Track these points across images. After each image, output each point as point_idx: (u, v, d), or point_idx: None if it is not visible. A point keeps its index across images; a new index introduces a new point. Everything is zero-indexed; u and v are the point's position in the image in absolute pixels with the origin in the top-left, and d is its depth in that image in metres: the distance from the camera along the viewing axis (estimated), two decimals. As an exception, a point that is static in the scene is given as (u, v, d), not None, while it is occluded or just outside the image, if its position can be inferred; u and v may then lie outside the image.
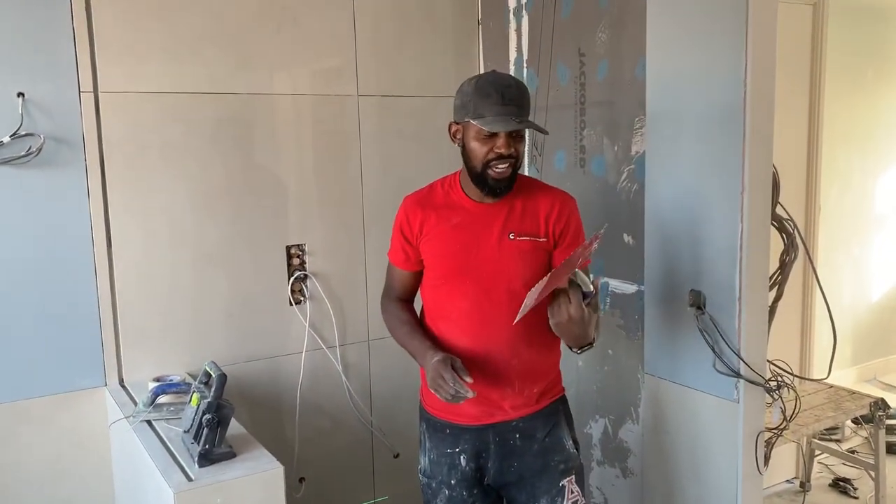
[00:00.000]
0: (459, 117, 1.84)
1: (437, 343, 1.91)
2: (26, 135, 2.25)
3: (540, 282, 1.66)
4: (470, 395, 1.72)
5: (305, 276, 2.78)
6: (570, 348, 1.86)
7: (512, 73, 2.98)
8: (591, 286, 1.70)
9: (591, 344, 1.82)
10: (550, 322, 1.74)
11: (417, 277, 2.03)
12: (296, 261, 2.77)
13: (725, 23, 2.05)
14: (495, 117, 1.76)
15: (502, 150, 1.79)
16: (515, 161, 1.83)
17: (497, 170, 1.81)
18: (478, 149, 1.81)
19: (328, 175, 2.82)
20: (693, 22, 2.15)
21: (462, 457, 1.97)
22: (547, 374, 2.00)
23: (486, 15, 3.08)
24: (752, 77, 2.01)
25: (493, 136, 1.79)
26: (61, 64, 2.31)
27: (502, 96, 1.77)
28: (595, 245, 1.68)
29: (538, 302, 1.68)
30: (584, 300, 1.69)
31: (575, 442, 2.04)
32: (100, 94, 2.37)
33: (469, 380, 1.73)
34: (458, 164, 1.94)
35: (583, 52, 2.63)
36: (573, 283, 1.69)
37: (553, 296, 1.71)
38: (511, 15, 2.96)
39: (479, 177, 1.84)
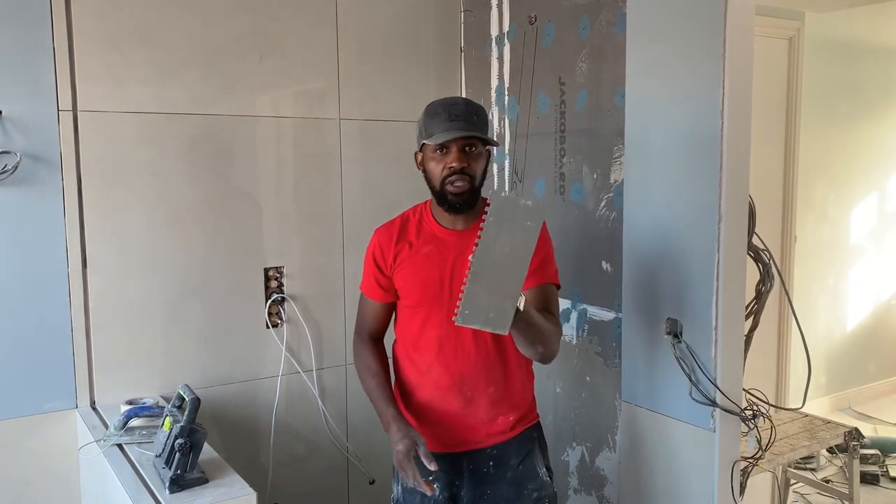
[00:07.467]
0: (418, 143, 1.91)
1: (399, 408, 1.92)
2: (2, 152, 2.22)
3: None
4: (427, 492, 1.78)
5: (283, 298, 2.76)
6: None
7: (493, 100, 3.01)
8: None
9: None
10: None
11: (390, 309, 2.03)
12: (273, 283, 2.75)
13: (703, 56, 2.08)
14: (442, 132, 1.81)
15: (454, 164, 1.82)
16: (472, 178, 1.84)
17: (454, 186, 1.83)
18: (434, 168, 1.86)
19: (308, 197, 2.81)
20: (671, 54, 2.18)
21: (435, 485, 1.94)
22: (522, 401, 1.99)
23: (469, 43, 3.11)
24: (728, 109, 2.04)
25: (445, 153, 1.83)
26: (40, 82, 2.29)
27: (449, 113, 1.83)
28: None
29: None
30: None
31: (549, 470, 2.03)
32: (79, 113, 2.35)
33: (433, 467, 1.76)
34: (437, 190, 1.94)
35: (563, 81, 2.66)
36: None
37: None
38: (493, 43, 2.99)
39: (440, 195, 1.87)
